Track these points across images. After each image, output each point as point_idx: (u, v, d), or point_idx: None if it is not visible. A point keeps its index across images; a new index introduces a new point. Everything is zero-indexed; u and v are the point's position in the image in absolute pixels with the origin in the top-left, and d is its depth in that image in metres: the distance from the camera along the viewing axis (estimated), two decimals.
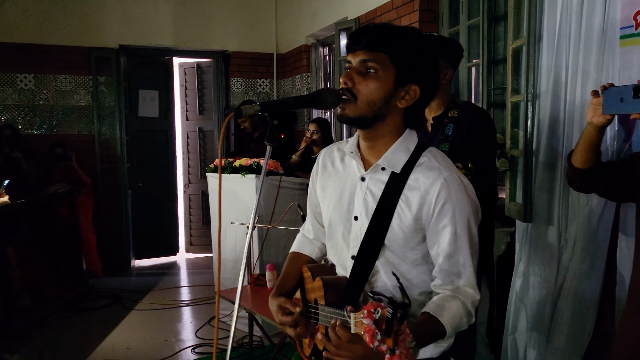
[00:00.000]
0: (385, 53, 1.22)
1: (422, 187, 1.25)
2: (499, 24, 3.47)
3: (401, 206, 1.25)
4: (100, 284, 5.43)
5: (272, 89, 6.48)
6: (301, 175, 4.09)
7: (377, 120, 1.26)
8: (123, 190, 5.97)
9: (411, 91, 1.25)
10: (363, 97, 1.23)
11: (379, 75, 1.22)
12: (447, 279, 1.26)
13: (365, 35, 1.23)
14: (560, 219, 2.43)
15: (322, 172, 1.46)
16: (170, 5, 6.03)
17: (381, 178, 1.29)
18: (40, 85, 5.70)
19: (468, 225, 1.25)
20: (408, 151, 1.29)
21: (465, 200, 1.24)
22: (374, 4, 4.33)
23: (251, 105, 1.14)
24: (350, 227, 1.33)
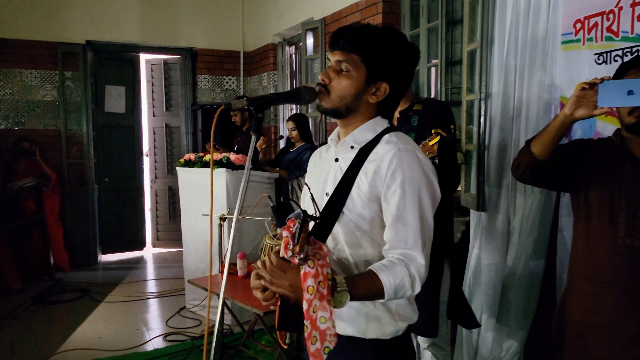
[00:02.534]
0: (358, 55, 1.39)
1: (378, 158, 1.38)
2: (457, 27, 3.71)
3: (360, 177, 1.38)
4: (68, 278, 5.45)
5: (238, 86, 6.60)
6: (269, 170, 4.25)
7: (350, 112, 1.43)
8: (89, 185, 5.99)
9: (381, 88, 1.42)
10: (335, 92, 1.41)
11: (351, 74, 1.40)
12: (394, 243, 1.33)
13: (342, 37, 1.41)
14: (509, 208, 2.67)
15: (312, 165, 1.63)
16: (138, 1, 6.07)
17: (350, 156, 1.45)
18: (5, 80, 5.67)
19: (418, 195, 1.33)
20: (375, 132, 1.44)
21: (417, 172, 1.34)
22: (339, 5, 4.52)
23: (239, 100, 1.31)
24: (323, 204, 1.47)
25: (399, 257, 1.32)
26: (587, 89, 1.59)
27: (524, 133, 2.56)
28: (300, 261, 1.20)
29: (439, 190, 1.41)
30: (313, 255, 1.21)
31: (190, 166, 4.17)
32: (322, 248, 1.23)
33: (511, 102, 2.66)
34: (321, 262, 1.21)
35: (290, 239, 1.18)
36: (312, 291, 1.18)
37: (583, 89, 1.60)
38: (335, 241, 1.43)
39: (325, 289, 1.21)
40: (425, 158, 1.40)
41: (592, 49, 2.14)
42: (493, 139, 2.78)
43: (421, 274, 1.32)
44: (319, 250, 1.23)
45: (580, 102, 1.62)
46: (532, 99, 2.50)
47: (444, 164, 2.37)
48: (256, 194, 3.90)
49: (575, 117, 1.64)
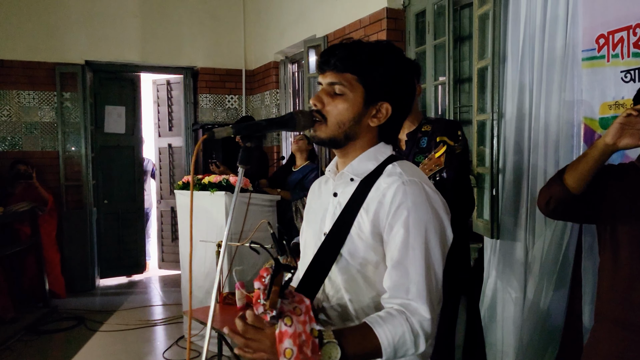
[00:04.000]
0: (353, 74, 1.22)
1: (380, 192, 1.20)
2: (464, 43, 3.56)
3: (361, 214, 1.21)
4: (64, 304, 5.27)
5: (240, 105, 6.47)
6: (270, 192, 4.08)
7: (349, 140, 1.26)
8: (88, 207, 5.83)
9: (383, 109, 1.25)
10: (332, 118, 1.23)
11: (347, 96, 1.23)
12: (394, 292, 1.15)
13: (332, 55, 1.24)
14: (527, 236, 2.48)
15: (311, 198, 1.46)
16: (138, 21, 5.97)
17: (350, 190, 1.27)
18: (2, 102, 5.55)
19: (425, 236, 1.15)
20: (377, 161, 1.27)
21: (424, 208, 1.17)
22: (342, 22, 4.39)
23: (224, 128, 1.14)
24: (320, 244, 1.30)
25: (398, 309, 1.13)
26: (634, 116, 1.41)
27: (542, 155, 2.38)
28: (272, 319, 1.00)
29: (451, 230, 1.21)
30: (291, 310, 1.02)
31: (188, 189, 4.00)
32: (303, 301, 1.04)
33: (526, 123, 2.49)
34: (303, 317, 1.02)
35: (261, 293, 1.00)
36: (290, 355, 0.98)
37: (629, 115, 1.42)
38: (334, 288, 1.25)
39: (310, 349, 1.01)
40: (434, 192, 1.21)
41: (618, 65, 1.97)
42: (507, 161, 2.60)
43: (426, 330, 1.12)
44: (298, 303, 1.04)
45: (626, 130, 1.43)
46: (551, 119, 2.32)
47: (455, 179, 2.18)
48: (257, 218, 3.72)
49: (618, 147, 1.46)
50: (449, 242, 1.22)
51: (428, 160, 1.89)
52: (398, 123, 1.31)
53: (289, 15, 5.40)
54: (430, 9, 3.66)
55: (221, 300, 3.39)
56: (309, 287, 1.25)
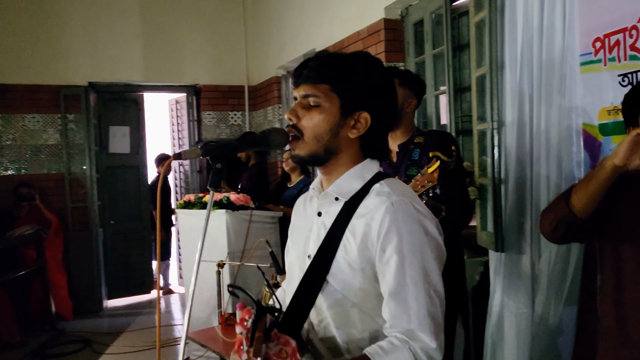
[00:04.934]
0: (327, 83, 1.17)
1: (368, 214, 1.13)
2: (464, 52, 3.50)
3: (347, 236, 1.14)
4: (71, 327, 5.23)
5: (244, 121, 6.44)
6: (272, 208, 4.02)
7: (330, 155, 1.19)
8: (94, 228, 5.82)
9: (361, 119, 1.18)
10: (309, 131, 1.17)
11: (322, 107, 1.17)
12: (395, 321, 1.08)
13: (305, 67, 1.19)
14: (532, 248, 2.39)
15: (295, 216, 1.39)
16: (140, 41, 5.99)
17: (335, 210, 1.20)
18: (8, 125, 5.58)
19: (420, 260, 1.09)
20: (363, 179, 1.19)
21: (416, 229, 1.10)
22: (341, 35, 4.35)
23: (192, 149, 1.09)
24: (304, 267, 1.22)
25: (401, 337, 1.06)
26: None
27: (544, 164, 2.30)
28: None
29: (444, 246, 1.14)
30: (277, 353, 0.95)
31: (190, 208, 3.96)
32: (289, 342, 0.98)
33: (527, 131, 2.41)
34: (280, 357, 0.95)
35: (244, 338, 0.93)
36: None
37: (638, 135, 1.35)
38: (319, 316, 1.18)
39: None
40: (425, 211, 1.14)
41: (615, 69, 1.89)
42: (510, 171, 2.51)
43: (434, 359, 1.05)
44: (284, 345, 0.97)
45: (636, 150, 1.37)
46: (552, 126, 2.24)
47: (449, 194, 2.12)
48: (259, 235, 3.67)
49: (629, 169, 1.40)
50: (444, 258, 1.15)
51: (421, 177, 1.82)
52: (381, 134, 1.25)
53: (289, 30, 5.38)
54: (428, 18, 3.60)
55: (223, 321, 3.32)
56: (295, 317, 1.19)
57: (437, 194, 1.89)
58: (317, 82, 1.17)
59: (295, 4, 5.20)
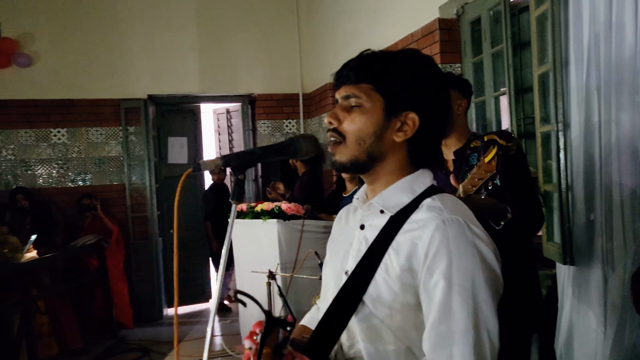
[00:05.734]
0: (368, 82, 1.06)
1: (415, 231, 1.01)
2: (525, 49, 3.27)
3: (390, 254, 1.03)
4: (131, 335, 5.34)
5: (298, 129, 6.41)
6: (325, 218, 3.92)
7: (374, 161, 1.08)
8: (153, 238, 5.94)
9: (408, 120, 1.07)
10: (351, 135, 1.07)
11: (364, 108, 1.06)
12: (434, 355, 0.96)
13: (346, 67, 1.10)
14: (604, 261, 2.16)
15: (336, 228, 1.29)
16: (196, 53, 6.09)
17: (379, 223, 1.08)
18: (73, 139, 5.80)
19: (471, 289, 0.95)
20: (412, 193, 1.08)
21: (469, 253, 0.96)
22: (394, 37, 4.22)
23: (212, 160, 1.01)
24: (340, 284, 1.12)
25: None
26: None
27: (616, 167, 2.08)
28: None
29: (501, 276, 0.99)
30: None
31: (242, 217, 3.93)
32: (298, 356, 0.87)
33: (596, 132, 2.19)
34: None
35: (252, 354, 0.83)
36: None
37: None
38: (350, 340, 1.07)
39: None
40: (482, 233, 1.00)
41: None
42: (577, 176, 2.30)
43: None
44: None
45: None
46: (623, 126, 2.02)
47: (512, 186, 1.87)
48: (312, 245, 3.58)
49: None
50: (500, 289, 1.01)
51: (477, 168, 1.58)
52: (431, 138, 1.12)
53: (343, 36, 5.30)
54: (485, 15, 3.41)
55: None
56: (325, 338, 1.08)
57: (498, 185, 1.65)
58: (357, 81, 1.08)
59: (349, 9, 5.11)
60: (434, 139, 1.13)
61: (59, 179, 5.75)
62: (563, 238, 2.33)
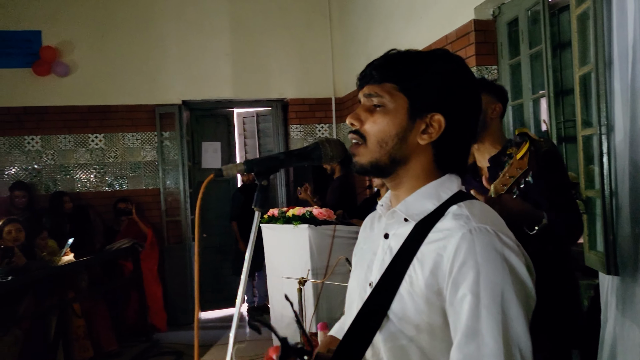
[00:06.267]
0: (391, 82, 1.01)
1: (440, 241, 0.95)
2: (566, 50, 3.16)
3: (414, 266, 0.97)
4: (165, 338, 5.39)
5: (331, 134, 6.38)
6: (357, 224, 3.86)
7: (397, 165, 1.03)
8: (187, 242, 5.99)
9: (434, 122, 1.01)
10: (372, 137, 1.02)
11: (387, 108, 1.01)
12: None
13: (370, 66, 1.05)
14: None
15: (362, 236, 1.24)
16: (229, 59, 6.14)
17: (403, 232, 1.03)
18: (110, 144, 5.92)
19: (501, 302, 0.88)
20: (438, 199, 1.02)
21: (499, 266, 0.89)
22: (428, 40, 4.14)
23: (235, 165, 0.98)
24: (364, 296, 1.06)
25: None
26: None
27: None
28: None
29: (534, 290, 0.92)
30: None
31: (273, 222, 3.91)
32: None
33: None
34: None
35: None
36: None
37: None
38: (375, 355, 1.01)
39: None
40: (512, 241, 0.93)
41: None
42: (621, 181, 2.18)
43: None
44: None
45: None
46: None
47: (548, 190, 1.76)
48: (344, 250, 3.52)
49: None
50: (532, 303, 0.93)
51: (508, 167, 1.48)
52: (459, 142, 1.05)
53: (375, 39, 5.25)
54: (523, 16, 3.31)
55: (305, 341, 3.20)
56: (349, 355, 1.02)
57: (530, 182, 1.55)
58: (381, 80, 1.03)
59: (382, 13, 5.06)
60: (462, 142, 1.07)
61: (97, 183, 5.87)
62: (607, 246, 2.21)
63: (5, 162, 5.62)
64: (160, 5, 5.95)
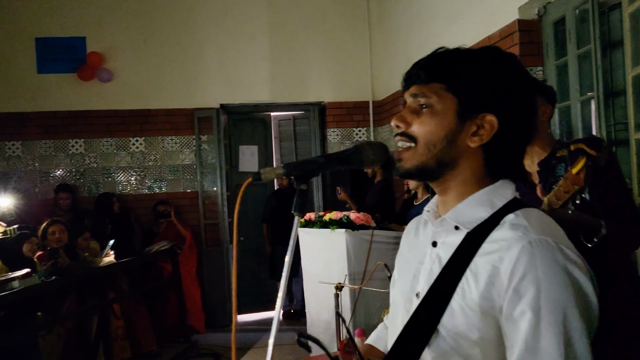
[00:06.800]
0: (439, 81, 0.96)
1: (496, 252, 0.89)
2: (616, 50, 3.02)
3: (467, 279, 0.90)
4: (203, 340, 5.42)
5: (369, 137, 6.31)
6: (395, 228, 3.79)
7: (445, 169, 0.97)
8: (224, 245, 6.03)
9: (485, 123, 0.95)
10: (421, 139, 0.97)
11: (434, 109, 0.96)
12: None
13: (416, 66, 1.00)
14: None
15: (405, 243, 1.18)
16: (267, 62, 6.16)
17: (453, 241, 0.97)
18: (150, 147, 6.01)
19: (563, 321, 0.82)
20: (492, 207, 0.95)
21: (561, 281, 0.83)
22: (471, 41, 4.03)
23: (273, 168, 0.94)
24: (410, 308, 1.00)
25: None
26: None
27: None
28: None
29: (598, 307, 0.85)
30: None
31: (310, 226, 3.88)
32: None
33: None
34: None
35: None
36: None
37: None
38: None
39: None
40: (575, 254, 0.87)
41: None
42: None
43: None
44: None
45: None
46: None
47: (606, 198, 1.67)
48: (381, 256, 3.47)
49: None
50: (595, 321, 0.87)
51: (564, 180, 1.41)
52: (512, 145, 0.98)
53: (416, 41, 5.17)
54: (570, 15, 3.18)
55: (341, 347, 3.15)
56: None
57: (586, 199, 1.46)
58: (427, 80, 0.98)
59: (423, 14, 4.98)
60: (516, 145, 1.00)
61: (137, 185, 5.97)
62: None
63: (50, 165, 5.78)
64: (200, 10, 6.02)
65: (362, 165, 0.98)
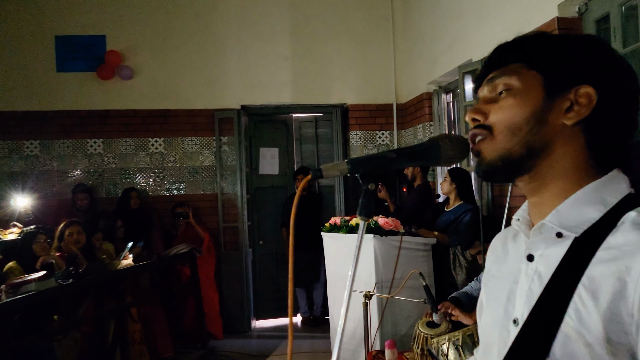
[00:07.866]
0: (519, 62, 0.83)
1: (618, 260, 0.71)
2: None
3: (581, 295, 0.73)
4: (221, 346, 5.30)
5: (392, 140, 6.16)
6: (424, 234, 3.63)
7: (537, 157, 0.80)
8: (243, 248, 5.90)
9: (581, 97, 0.79)
10: (500, 124, 0.82)
11: (515, 90, 0.82)
12: None
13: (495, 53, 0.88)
14: None
15: (491, 261, 1.00)
16: (289, 63, 6.04)
17: (556, 252, 0.79)
18: (169, 148, 5.92)
19: None
20: (604, 204, 0.77)
21: None
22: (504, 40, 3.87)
23: (336, 164, 0.81)
24: (508, 337, 0.83)
25: None
26: None
27: None
28: None
29: None
30: None
31: (336, 231, 3.74)
32: None
33: None
34: None
35: None
36: None
37: None
38: None
39: None
40: None
41: None
42: None
43: None
44: None
45: None
46: None
47: None
48: (410, 263, 3.33)
49: None
50: None
51: None
52: (616, 122, 0.81)
53: (442, 42, 5.01)
54: (615, 12, 3.01)
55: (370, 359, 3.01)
56: None
57: None
58: (505, 63, 0.85)
59: (450, 14, 4.82)
60: (621, 123, 0.82)
61: (155, 187, 5.88)
62: None
63: (68, 165, 5.71)
64: (221, 10, 5.93)
65: (439, 162, 0.84)
